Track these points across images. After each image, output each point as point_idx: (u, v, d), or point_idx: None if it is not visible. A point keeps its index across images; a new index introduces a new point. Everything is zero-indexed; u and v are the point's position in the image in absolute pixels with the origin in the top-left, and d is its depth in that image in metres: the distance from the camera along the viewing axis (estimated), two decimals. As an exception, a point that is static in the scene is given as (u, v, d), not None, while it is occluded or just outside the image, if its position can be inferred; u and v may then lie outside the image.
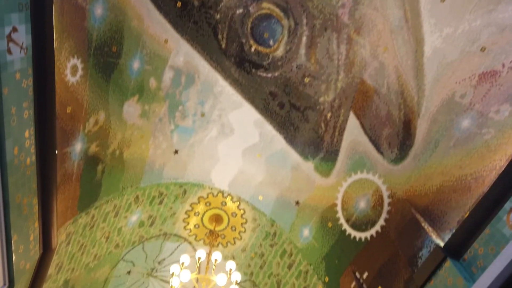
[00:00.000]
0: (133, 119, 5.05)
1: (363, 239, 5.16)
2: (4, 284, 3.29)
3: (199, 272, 5.42)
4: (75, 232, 4.69)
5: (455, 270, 3.53)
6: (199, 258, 5.47)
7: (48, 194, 3.57)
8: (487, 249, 3.40)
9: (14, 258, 3.30)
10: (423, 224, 4.24)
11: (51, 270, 4.47)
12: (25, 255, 3.51)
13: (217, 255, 5.57)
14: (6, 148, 2.90)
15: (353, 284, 5.09)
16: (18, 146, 3.07)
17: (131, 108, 4.90)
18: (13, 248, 3.25)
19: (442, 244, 3.88)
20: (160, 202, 6.25)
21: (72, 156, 4.06)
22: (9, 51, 2.75)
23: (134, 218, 6.02)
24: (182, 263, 5.31)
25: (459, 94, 4.27)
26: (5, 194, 3.05)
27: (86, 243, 5.14)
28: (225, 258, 6.85)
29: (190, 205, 6.58)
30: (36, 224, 3.60)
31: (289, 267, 6.28)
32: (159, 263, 6.97)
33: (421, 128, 4.61)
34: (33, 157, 3.34)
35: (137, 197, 5.77)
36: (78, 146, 4.13)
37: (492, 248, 3.31)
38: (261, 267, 6.69)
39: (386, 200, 4.93)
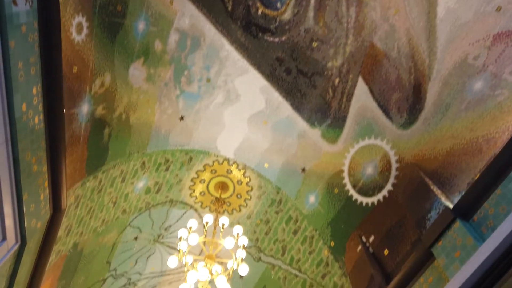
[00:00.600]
0: (139, 83, 4.97)
1: (369, 204, 5.18)
2: (17, 242, 3.31)
3: (206, 237, 5.48)
4: (83, 195, 4.70)
5: (464, 231, 3.54)
6: (206, 223, 5.51)
7: (57, 154, 3.55)
8: (498, 209, 3.39)
9: (25, 216, 3.31)
10: (432, 187, 4.24)
11: (61, 232, 4.51)
12: (36, 214, 3.52)
13: (224, 220, 5.60)
14: (14, 104, 2.85)
15: (359, 248, 5.14)
16: (26, 102, 3.02)
17: (137, 71, 4.81)
18: (24, 206, 3.25)
19: (451, 206, 3.89)
20: (166, 169, 6.25)
21: (79, 118, 4.01)
22: (14, 2, 2.66)
23: (140, 184, 6.03)
24: (190, 227, 5.36)
25: (472, 56, 4.18)
26: (15, 151, 3.02)
27: (94, 207, 5.17)
28: (231, 225, 6.90)
29: (196, 173, 6.59)
30: (46, 184, 3.59)
31: (295, 233, 6.34)
32: (165, 229, 7.04)
33: (432, 92, 4.54)
34: (41, 116, 3.30)
35: (143, 163, 5.76)
36: (84, 108, 4.07)
37: (503, 208, 3.31)
38: (266, 233, 6.76)
39: (394, 165, 4.92)
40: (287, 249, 6.47)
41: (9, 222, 3.14)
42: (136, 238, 6.78)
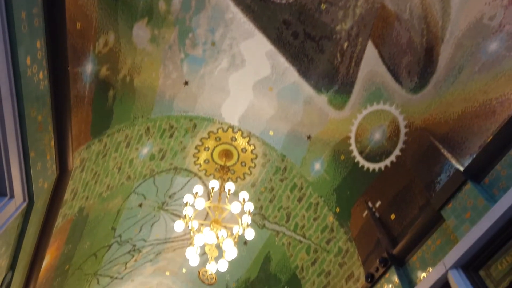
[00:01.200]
0: (143, 44, 4.83)
1: (376, 170, 5.15)
2: (24, 201, 3.27)
3: (212, 202, 5.47)
4: (88, 159, 4.65)
5: (476, 192, 3.52)
6: (212, 188, 5.49)
7: (62, 113, 3.47)
8: (511, 171, 3.36)
9: (32, 175, 3.26)
10: (442, 151, 4.19)
11: (67, 195, 4.48)
12: (43, 174, 3.47)
13: (230, 185, 5.58)
14: (18, 56, 2.74)
15: (365, 213, 5.15)
16: (31, 56, 2.91)
17: (141, 31, 4.67)
18: (31, 164, 3.19)
19: (462, 169, 3.85)
20: (171, 136, 6.19)
21: (83, 78, 3.91)
22: None
23: (145, 150, 5.98)
24: (196, 193, 5.34)
25: (488, 16, 4.04)
26: (20, 107, 2.94)
27: (99, 172, 5.13)
28: (235, 193, 6.91)
29: (200, 140, 6.53)
30: (52, 144, 3.53)
31: (299, 200, 6.35)
32: (169, 197, 7.04)
33: (445, 54, 4.42)
34: (46, 72, 3.19)
35: (148, 128, 5.69)
36: (88, 67, 3.96)
37: (516, 169, 3.27)
38: (270, 201, 6.77)
39: (403, 130, 4.85)
40: (291, 216, 6.49)
41: (16, 180, 3.09)
42: (140, 205, 6.79)
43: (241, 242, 7.13)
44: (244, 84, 6.08)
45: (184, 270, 8.12)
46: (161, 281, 8.41)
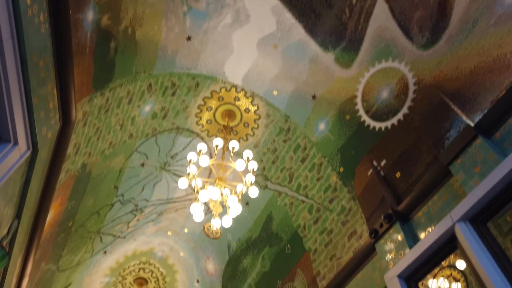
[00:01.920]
0: (145, -6, 4.64)
1: (383, 129, 5.09)
2: (28, 149, 3.21)
3: (216, 160, 5.43)
4: (91, 113, 4.56)
5: (486, 146, 3.47)
6: (216, 146, 5.43)
7: (64, 59, 3.34)
8: (524, 124, 3.30)
9: (35, 123, 3.18)
10: (452, 107, 4.11)
11: (70, 149, 4.42)
12: (46, 123, 3.39)
13: (234, 144, 5.52)
14: (18, -7, 2.60)
15: (370, 172, 5.13)
16: (30, -6, 2.76)
17: (143, -20, 4.47)
18: (34, 111, 3.10)
19: (472, 124, 3.79)
20: (173, 94, 6.07)
21: (84, 25, 3.75)
22: None
23: (147, 108, 5.88)
24: (200, 150, 5.29)
25: (507, -34, 3.86)
26: (21, 49, 2.82)
27: (101, 128, 5.05)
28: (237, 154, 6.87)
29: (203, 99, 6.41)
30: (55, 92, 3.43)
31: (303, 160, 6.32)
32: (171, 157, 7.00)
33: (458, 8, 4.27)
34: (46, 14, 3.05)
35: (150, 85, 5.57)
36: (89, 15, 3.80)
37: (530, 122, 3.21)
38: (273, 162, 6.74)
39: (412, 88, 4.76)
40: (294, 177, 6.49)
41: (19, 126, 3.01)
42: (143, 165, 6.76)
43: (243, 202, 7.16)
44: (248, 41, 5.90)
45: (186, 230, 8.21)
46: (163, 241, 8.52)
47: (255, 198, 7.14)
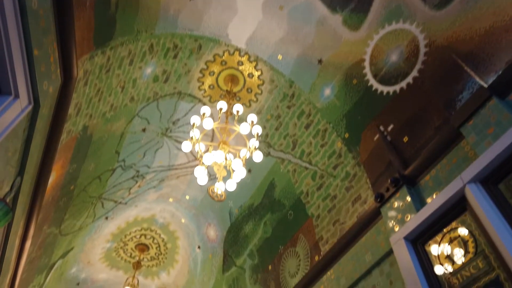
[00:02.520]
0: None
1: (391, 93, 4.98)
2: (30, 103, 3.09)
3: (220, 123, 5.32)
4: (92, 72, 4.41)
5: (500, 107, 3.38)
6: (220, 109, 5.32)
7: (64, 10, 3.18)
8: (541, 84, 3.20)
9: (37, 76, 3.05)
10: (465, 69, 4.00)
11: (71, 110, 4.31)
12: (47, 77, 3.26)
13: (238, 107, 5.41)
14: None
15: (376, 137, 5.06)
16: None
17: None
18: (34, 63, 2.97)
19: (486, 86, 3.69)
20: (175, 56, 5.90)
21: (84, -24, 3.56)
22: None
23: (148, 70, 5.72)
24: (203, 114, 5.18)
25: None
26: (20, -5, 2.66)
27: (102, 88, 4.91)
28: (240, 120, 6.77)
29: (205, 63, 6.25)
30: (55, 45, 3.28)
31: (307, 127, 6.24)
32: (173, 123, 6.90)
33: (476, -35, 4.08)
34: (45, -42, 2.87)
35: (151, 45, 5.39)
36: (90, -35, 3.60)
37: (548, 81, 3.10)
38: (276, 129, 6.65)
39: (423, 50, 4.62)
40: (297, 143, 6.42)
41: (20, 78, 2.88)
42: (144, 130, 6.66)
43: (246, 169, 7.12)
44: (253, 1, 5.68)
45: (187, 197, 8.21)
46: (164, 208, 8.54)
47: (258, 166, 7.10)
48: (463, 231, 3.36)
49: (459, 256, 3.29)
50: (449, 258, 3.38)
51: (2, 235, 3.99)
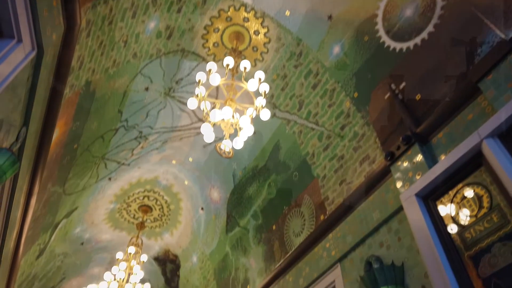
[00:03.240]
0: None
1: (404, 50, 4.81)
2: (33, 49, 2.94)
3: (227, 79, 5.18)
4: (94, 22, 4.22)
5: (522, 59, 3.25)
6: (227, 65, 5.16)
7: (66, -51, 2.98)
8: None
9: (39, 20, 2.89)
10: (485, 22, 3.83)
11: (74, 62, 4.15)
12: (51, 23, 3.09)
13: (246, 63, 5.25)
14: None
15: (387, 95, 4.94)
16: None
17: None
18: (37, 6, 2.80)
19: (506, 39, 3.54)
20: (178, 10, 5.66)
21: None
22: None
23: (151, 24, 5.50)
24: (210, 70, 5.02)
25: None
26: None
27: (105, 42, 4.72)
28: (246, 79, 6.61)
29: (210, 19, 6.01)
30: (57, -12, 3.10)
31: (314, 87, 6.09)
32: (176, 82, 6.73)
33: None
34: None
35: (155, -3, 5.15)
36: None
37: None
38: (282, 89, 6.51)
39: (439, 4, 4.42)
40: (304, 104, 6.29)
41: (23, 21, 2.73)
42: (147, 89, 6.50)
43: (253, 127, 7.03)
44: (261, -48, 5.40)
45: (190, 159, 8.17)
46: (167, 170, 8.51)
47: (262, 128, 7.00)
48: (477, 187, 3.32)
49: (472, 211, 3.27)
50: (462, 214, 3.36)
51: (8, 189, 3.94)
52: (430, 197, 3.70)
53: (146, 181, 8.78)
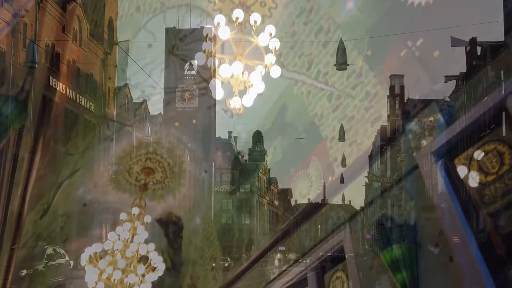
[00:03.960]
0: None
1: (423, 4, 4.60)
2: None
3: (236, 33, 4.95)
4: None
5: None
6: (237, 18, 4.91)
7: None
8: None
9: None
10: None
11: (78, 12, 3.91)
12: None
13: (256, 17, 4.99)
14: None
15: (403, 52, 4.76)
16: None
17: None
18: None
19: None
20: (184, -39, 5.34)
21: None
22: None
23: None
24: (218, 23, 4.78)
25: None
26: None
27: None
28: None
29: (216, -29, 5.70)
30: None
31: (324, 45, 5.92)
32: (180, 39, 6.51)
33: None
34: None
35: None
36: None
37: None
38: (291, 48, 6.39)
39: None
40: (313, 63, 6.17)
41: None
42: (150, 46, 6.29)
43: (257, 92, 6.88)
44: None
45: (194, 121, 8.05)
46: (170, 131, 8.41)
47: (269, 89, 6.82)
48: (499, 144, 3.23)
49: (493, 168, 3.19)
50: (482, 171, 3.29)
51: (12, 143, 3.83)
52: (447, 155, 3.61)
53: (149, 143, 8.68)
